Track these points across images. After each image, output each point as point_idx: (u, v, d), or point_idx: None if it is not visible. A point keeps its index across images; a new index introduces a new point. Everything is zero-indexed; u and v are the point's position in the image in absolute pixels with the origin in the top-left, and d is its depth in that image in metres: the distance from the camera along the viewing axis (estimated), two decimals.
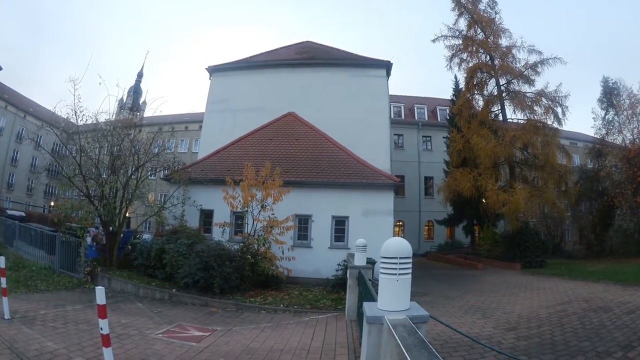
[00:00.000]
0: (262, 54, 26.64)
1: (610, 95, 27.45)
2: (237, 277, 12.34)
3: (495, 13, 26.88)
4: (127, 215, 16.15)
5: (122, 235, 14.80)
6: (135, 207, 17.08)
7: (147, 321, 8.85)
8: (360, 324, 6.00)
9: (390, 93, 25.20)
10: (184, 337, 7.66)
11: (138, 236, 15.89)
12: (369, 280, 7.22)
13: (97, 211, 13.90)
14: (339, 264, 14.24)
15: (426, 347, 2.30)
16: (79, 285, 12.38)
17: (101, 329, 5.14)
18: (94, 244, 14.18)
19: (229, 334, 8.22)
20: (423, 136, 39.72)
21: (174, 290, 12.03)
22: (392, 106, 35.43)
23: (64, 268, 13.68)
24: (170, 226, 15.54)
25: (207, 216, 16.57)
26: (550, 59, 24.75)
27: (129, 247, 14.83)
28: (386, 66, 23.44)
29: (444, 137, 34.63)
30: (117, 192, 14.63)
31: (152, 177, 18.41)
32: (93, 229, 14.61)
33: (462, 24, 27.30)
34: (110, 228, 14.26)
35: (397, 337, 2.49)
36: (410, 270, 3.29)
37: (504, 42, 26.29)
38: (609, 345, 7.05)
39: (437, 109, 41.05)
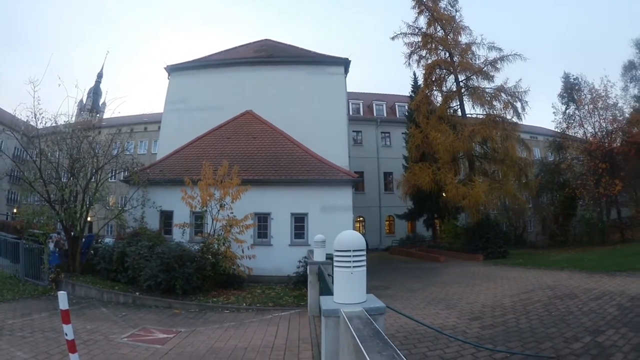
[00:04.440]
0: (220, 52, 27.16)
1: (571, 90, 28.84)
2: (198, 278, 12.61)
3: (456, 11, 27.92)
4: (89, 219, 16.30)
5: (84, 239, 14.88)
6: (96, 211, 17.25)
7: (112, 326, 9.04)
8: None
9: (349, 90, 26.10)
10: (149, 340, 7.88)
11: (100, 240, 16.07)
12: (329, 275, 7.37)
13: (59, 216, 13.94)
14: (300, 261, 14.79)
15: (381, 338, 2.39)
16: (44, 293, 12.42)
17: (66, 334, 5.27)
18: (57, 249, 14.11)
19: (193, 334, 8.48)
20: (382, 132, 40.93)
21: (137, 293, 12.23)
22: (350, 103, 36.63)
23: (28, 276, 13.76)
24: (131, 229, 15.79)
25: (167, 217, 16.88)
26: (510, 55, 25.84)
27: (92, 251, 14.95)
28: (344, 63, 24.26)
29: (402, 133, 36.01)
30: (78, 196, 14.78)
31: (112, 180, 18.58)
32: (55, 234, 14.59)
33: (422, 21, 28.23)
34: (72, 233, 14.27)
35: (352, 329, 2.58)
36: (364, 263, 3.39)
37: (463, 39, 27.40)
38: (577, 331, 7.30)
39: (396, 106, 42.38)
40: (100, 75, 72.25)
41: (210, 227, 14.54)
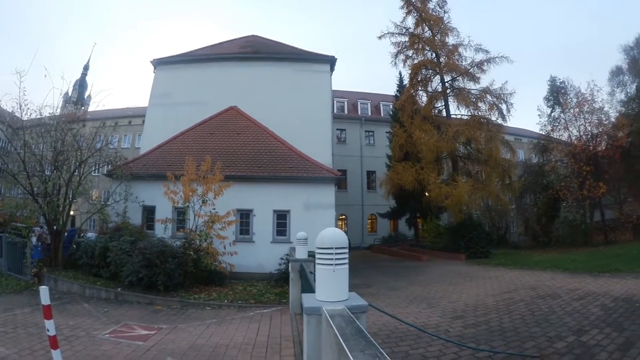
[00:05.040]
0: (207, 47, 27.18)
1: (557, 93, 29.20)
2: (180, 274, 12.68)
3: (444, 12, 28.10)
4: (72, 213, 16.20)
5: (66, 234, 14.88)
6: (79, 205, 17.19)
7: (94, 322, 9.08)
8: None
9: (334, 88, 26.34)
10: (131, 336, 7.92)
11: (82, 235, 16.01)
12: (311, 273, 7.51)
13: (42, 209, 13.92)
14: (282, 258, 14.96)
15: (364, 336, 2.39)
16: (26, 288, 12.43)
17: (47, 330, 5.29)
18: (39, 243, 14.10)
19: (175, 331, 8.52)
20: (366, 131, 41.28)
21: (119, 289, 12.30)
22: (335, 101, 36.82)
23: (11, 270, 13.83)
24: (113, 223, 15.76)
25: (149, 212, 16.90)
26: (497, 57, 26.04)
27: (74, 246, 15.00)
28: (330, 61, 24.48)
29: (386, 132, 36.19)
30: (61, 189, 14.74)
31: (96, 174, 18.49)
32: (38, 228, 14.53)
33: (410, 21, 28.41)
34: (55, 227, 14.29)
35: (334, 327, 2.58)
36: (347, 261, 3.40)
37: (451, 40, 27.55)
38: (560, 330, 7.35)
39: (381, 105, 42.72)
40: (86, 68, 71.74)
41: (192, 223, 14.57)
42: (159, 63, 24.87)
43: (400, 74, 34.50)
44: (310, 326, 3.45)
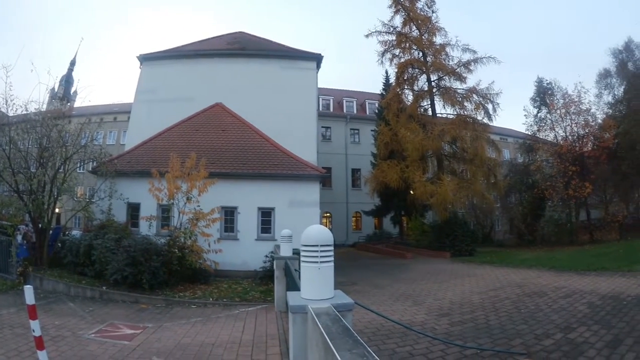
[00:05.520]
0: (193, 43, 27.21)
1: (543, 94, 29.64)
2: (165, 272, 12.68)
3: (433, 12, 28.33)
4: (57, 210, 16.11)
5: (51, 231, 14.78)
6: (64, 202, 17.11)
7: (80, 321, 9.06)
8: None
9: (320, 86, 26.56)
10: (116, 336, 7.94)
11: (67, 233, 15.99)
12: (296, 270, 7.42)
13: (27, 207, 13.87)
14: (267, 256, 14.89)
15: (350, 335, 2.38)
16: (12, 288, 12.31)
17: (33, 330, 5.24)
18: (25, 242, 13.95)
19: (160, 330, 8.54)
20: (351, 129, 41.57)
21: (104, 287, 12.30)
22: (321, 99, 37.02)
23: None
24: (98, 221, 15.76)
25: (134, 210, 16.87)
26: (484, 57, 26.33)
27: (59, 244, 14.89)
28: (317, 59, 24.65)
29: (372, 130, 36.33)
30: (45, 186, 14.57)
31: (81, 171, 18.41)
32: (23, 226, 14.37)
33: (398, 20, 28.61)
34: (40, 225, 14.20)
35: (320, 326, 2.56)
36: (332, 258, 3.40)
37: (438, 40, 27.76)
38: (548, 328, 7.38)
39: (367, 103, 42.93)
40: (73, 63, 70.75)
41: (177, 220, 14.60)
42: (145, 59, 24.82)
43: (386, 72, 34.89)
44: (296, 325, 3.46)
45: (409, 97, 28.66)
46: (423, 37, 27.65)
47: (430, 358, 6.19)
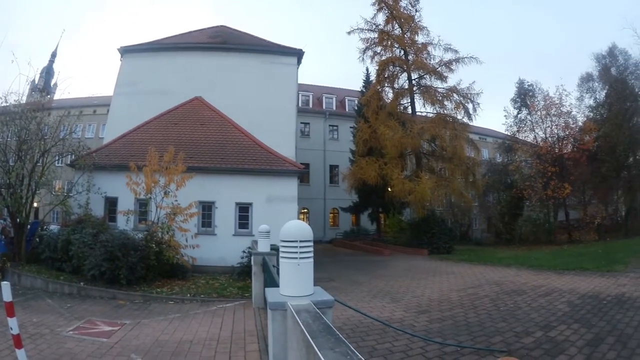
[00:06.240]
0: (175, 36, 27.03)
1: (524, 95, 30.49)
2: (142, 267, 12.64)
3: (416, 11, 28.82)
4: (35, 205, 15.95)
5: (29, 226, 14.74)
6: (42, 196, 16.97)
7: (58, 318, 9.01)
8: (267, 311, 5.65)
9: (299, 82, 26.55)
10: (94, 333, 7.92)
11: (45, 227, 15.88)
12: (274, 266, 7.49)
13: (5, 201, 13.78)
14: (244, 251, 15.00)
15: (332, 333, 2.35)
16: None
17: (11, 328, 5.19)
18: (3, 237, 14.05)
19: (138, 327, 8.53)
20: (330, 125, 41.97)
21: (81, 283, 12.25)
22: (300, 95, 37.23)
23: None
24: (75, 215, 15.63)
25: (111, 204, 16.80)
26: (466, 57, 26.90)
27: (37, 239, 14.79)
28: (298, 54, 24.65)
29: (351, 127, 36.96)
30: (24, 180, 14.44)
31: (59, 164, 18.22)
32: (1, 221, 14.54)
33: (381, 18, 28.97)
34: (18, 220, 14.09)
35: (301, 324, 2.54)
36: (311, 254, 3.40)
37: (420, 39, 28.33)
38: (527, 326, 7.50)
39: (346, 100, 43.35)
40: (54, 55, 69.00)
41: (154, 215, 14.64)
42: (126, 51, 24.53)
43: (367, 70, 35.23)
44: (275, 322, 3.43)
45: (389, 94, 29.18)
46: (405, 35, 28.04)
47: (410, 355, 6.27)
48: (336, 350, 2.05)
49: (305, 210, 38.00)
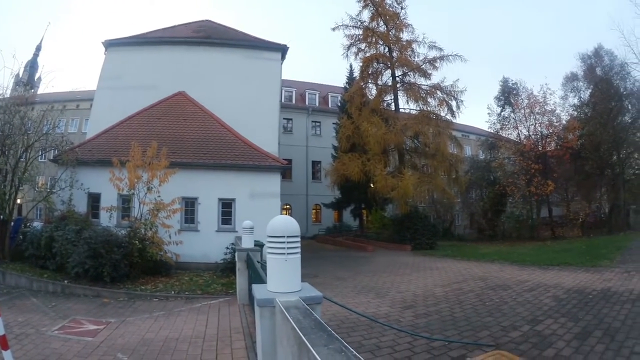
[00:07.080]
0: (159, 30, 26.92)
1: (508, 94, 31.21)
2: (126, 264, 12.68)
3: (402, 8, 29.01)
4: (18, 201, 15.93)
5: (12, 223, 14.66)
6: (25, 192, 16.90)
7: (43, 317, 8.98)
8: (253, 308, 5.98)
9: (283, 77, 26.73)
10: (80, 332, 7.90)
11: (28, 224, 15.86)
12: (258, 262, 7.63)
13: None
14: (228, 247, 15.09)
15: (324, 329, 2.35)
16: None
17: None
18: None
19: (124, 325, 8.52)
20: (313, 121, 42.29)
21: (65, 281, 12.24)
22: (283, 90, 37.22)
23: None
24: (59, 212, 15.63)
25: (94, 200, 16.72)
26: (450, 55, 27.26)
27: (20, 236, 14.73)
28: (282, 50, 24.76)
29: (334, 123, 37.36)
30: (7, 176, 14.39)
31: (42, 160, 18.16)
32: None
33: (366, 15, 29.19)
34: (1, 216, 14.05)
35: (292, 321, 2.52)
36: (299, 250, 3.38)
37: (405, 36, 28.61)
38: (514, 320, 7.61)
39: (329, 96, 43.61)
40: (38, 48, 68.30)
41: (137, 211, 14.67)
42: (110, 44, 24.37)
43: (351, 66, 35.37)
44: (263, 319, 3.39)
45: (372, 91, 29.49)
46: (390, 32, 28.32)
47: (398, 350, 6.34)
48: (330, 347, 2.05)
49: (288, 206, 37.93)
